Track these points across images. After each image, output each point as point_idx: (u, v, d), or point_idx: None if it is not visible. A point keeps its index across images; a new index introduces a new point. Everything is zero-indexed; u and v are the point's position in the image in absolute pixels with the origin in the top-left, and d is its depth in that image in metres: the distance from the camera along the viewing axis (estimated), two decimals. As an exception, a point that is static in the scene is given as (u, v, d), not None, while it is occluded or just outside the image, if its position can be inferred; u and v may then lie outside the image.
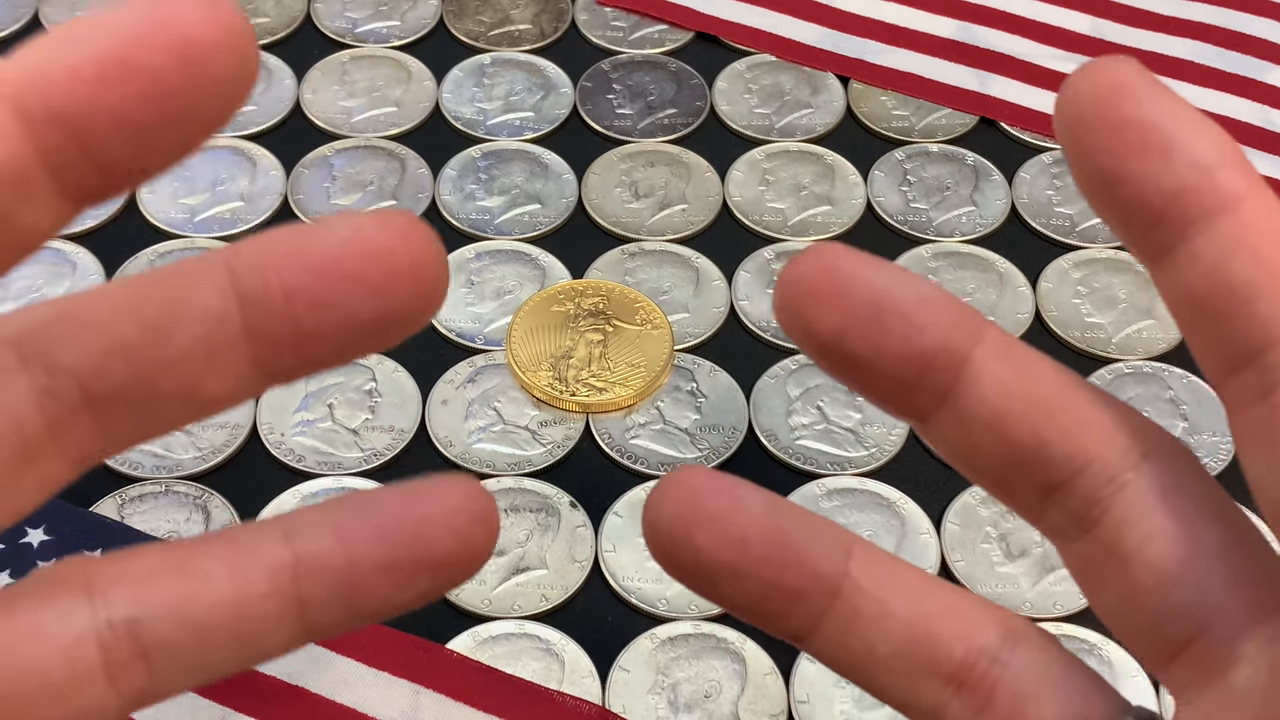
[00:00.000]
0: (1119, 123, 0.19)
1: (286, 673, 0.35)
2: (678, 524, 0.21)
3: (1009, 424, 0.21)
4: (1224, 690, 0.20)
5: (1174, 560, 0.20)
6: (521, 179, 0.48)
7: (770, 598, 0.22)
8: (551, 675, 0.36)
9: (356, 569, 0.20)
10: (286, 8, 0.53)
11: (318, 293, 0.18)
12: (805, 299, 0.21)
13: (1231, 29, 0.53)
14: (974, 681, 0.22)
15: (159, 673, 0.20)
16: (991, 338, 0.21)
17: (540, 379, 0.42)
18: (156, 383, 0.19)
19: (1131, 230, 0.20)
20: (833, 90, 0.51)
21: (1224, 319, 0.19)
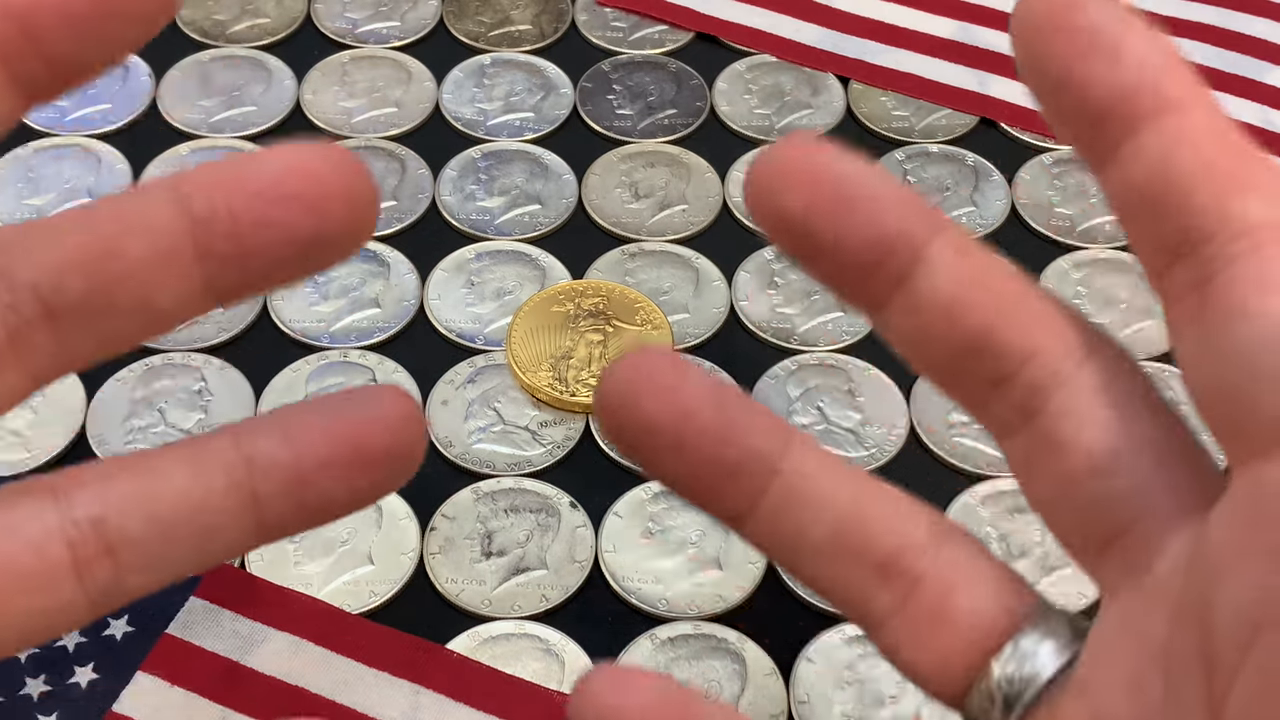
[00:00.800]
0: (1071, 28, 0.20)
1: (285, 672, 0.35)
2: (627, 392, 0.22)
3: (961, 312, 0.22)
4: (1146, 583, 0.21)
5: (1107, 450, 0.21)
6: (521, 179, 0.48)
7: (710, 471, 0.23)
8: (551, 675, 0.36)
9: (303, 465, 0.21)
10: (286, 8, 0.53)
11: (261, 212, 0.20)
12: (776, 179, 0.22)
13: (1231, 29, 0.53)
14: (901, 570, 0.23)
15: (125, 568, 0.21)
16: (950, 231, 0.22)
17: (540, 379, 0.42)
18: (112, 295, 0.20)
19: (1080, 131, 0.21)
20: (833, 90, 0.51)
21: (1165, 210, 0.20)
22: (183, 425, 0.41)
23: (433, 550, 0.38)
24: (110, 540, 0.21)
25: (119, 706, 0.35)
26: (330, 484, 0.21)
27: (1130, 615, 0.21)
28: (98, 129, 0.48)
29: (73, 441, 0.40)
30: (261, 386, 0.42)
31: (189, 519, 0.21)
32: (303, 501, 0.22)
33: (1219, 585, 0.19)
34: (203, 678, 0.35)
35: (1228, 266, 0.20)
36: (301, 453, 0.21)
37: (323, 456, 0.21)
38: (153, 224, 0.20)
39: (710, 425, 0.23)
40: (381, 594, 0.37)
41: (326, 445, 0.21)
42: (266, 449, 0.21)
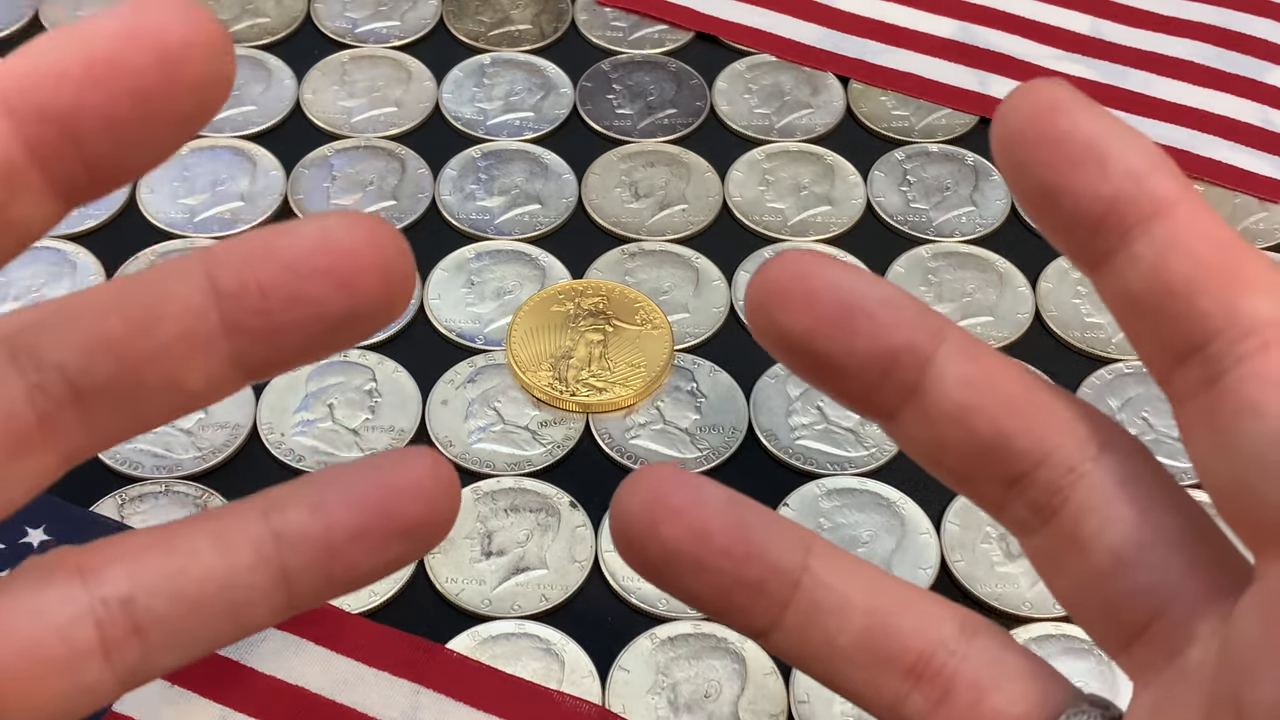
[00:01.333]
0: (1055, 138, 0.20)
1: (285, 672, 0.35)
2: (643, 518, 0.22)
3: (972, 417, 0.22)
4: (1179, 669, 0.21)
5: (1131, 544, 0.21)
6: (521, 179, 0.48)
7: (732, 590, 0.23)
8: (551, 675, 0.36)
9: (332, 538, 0.21)
10: (286, 8, 0.53)
11: (291, 288, 0.19)
12: (776, 302, 0.22)
13: (1231, 29, 0.53)
14: (933, 673, 0.23)
15: (153, 648, 0.21)
16: (955, 337, 0.22)
17: (540, 379, 0.42)
18: (140, 376, 0.20)
19: (1072, 240, 0.21)
20: (833, 90, 0.51)
21: (1166, 316, 0.20)
22: (183, 425, 0.41)
23: (433, 550, 0.38)
24: (138, 620, 0.21)
25: (119, 706, 0.35)
26: (359, 556, 0.21)
27: (1163, 705, 0.21)
28: (98, 129, 0.48)
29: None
30: (262, 386, 0.42)
31: (216, 596, 0.21)
32: (331, 573, 0.21)
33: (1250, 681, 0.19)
34: (203, 677, 0.35)
35: (1237, 365, 0.20)
36: (331, 525, 0.21)
37: (353, 528, 0.21)
38: (181, 303, 0.20)
39: (729, 544, 0.22)
40: (381, 594, 0.37)
41: (357, 516, 0.21)
42: (295, 522, 0.21)
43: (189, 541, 0.21)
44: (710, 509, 0.22)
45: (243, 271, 0.20)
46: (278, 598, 0.21)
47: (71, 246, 0.45)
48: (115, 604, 0.20)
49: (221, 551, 0.21)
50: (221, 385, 0.20)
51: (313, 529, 0.21)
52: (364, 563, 0.21)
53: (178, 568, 0.21)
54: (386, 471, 0.21)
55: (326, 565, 0.21)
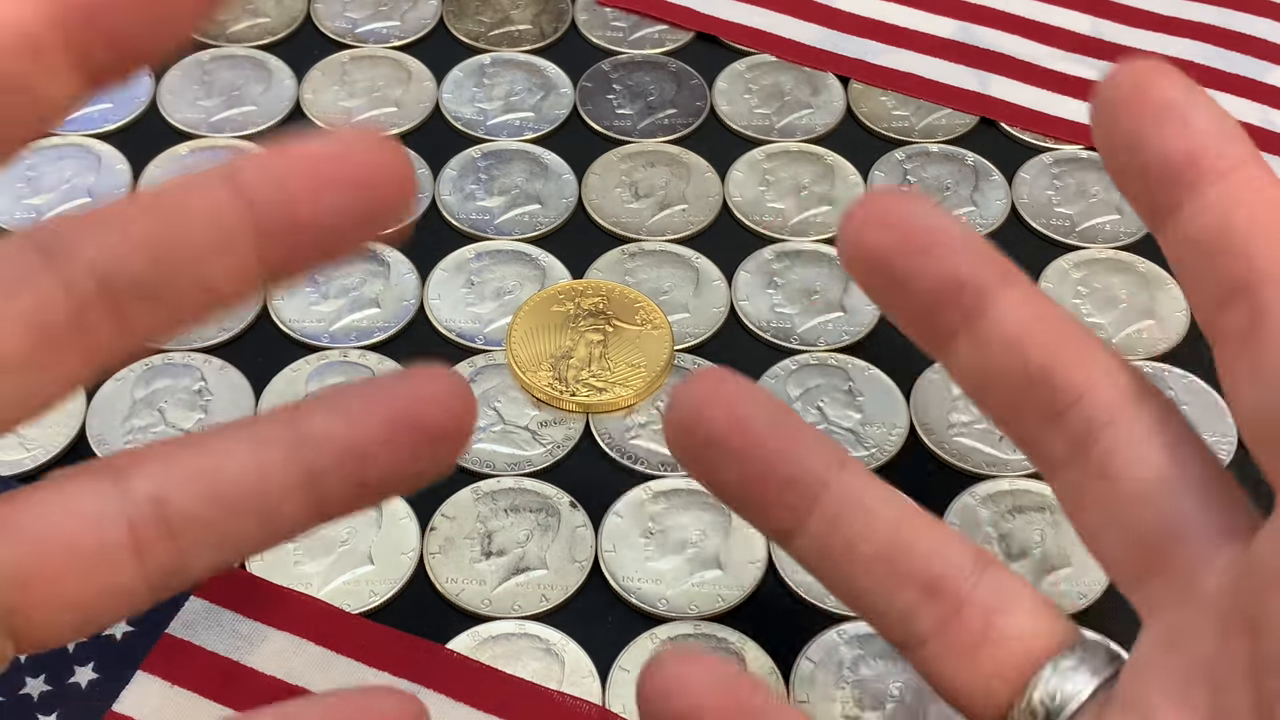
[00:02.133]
0: (1150, 99, 0.23)
1: (285, 672, 0.35)
2: (694, 402, 0.24)
3: (1025, 347, 0.24)
4: (1193, 600, 0.22)
5: (1156, 478, 0.23)
6: (521, 179, 0.48)
7: (764, 480, 0.24)
8: (551, 675, 0.36)
9: (360, 441, 0.22)
10: (286, 8, 0.53)
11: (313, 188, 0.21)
12: (866, 221, 0.24)
13: (1231, 29, 0.53)
14: (947, 592, 0.24)
15: (186, 549, 0.21)
16: (1021, 283, 0.25)
17: (540, 379, 0.42)
18: (174, 275, 0.20)
19: (1148, 191, 0.23)
20: (833, 90, 0.51)
21: (1220, 257, 0.22)
22: (183, 425, 0.41)
23: (433, 550, 0.38)
24: (171, 520, 0.21)
25: (119, 706, 0.35)
26: (387, 461, 0.22)
27: (1175, 632, 0.22)
28: (97, 128, 0.48)
29: (73, 441, 0.40)
30: (261, 386, 0.42)
31: (250, 495, 0.21)
32: (360, 477, 0.22)
33: (1269, 598, 0.21)
34: (203, 678, 0.35)
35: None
36: (359, 430, 0.22)
37: (381, 434, 0.22)
38: (213, 204, 0.20)
39: (766, 437, 0.24)
40: (381, 594, 0.37)
41: (385, 423, 0.22)
42: (324, 426, 0.22)
43: (221, 443, 0.21)
44: (755, 404, 0.24)
45: (267, 175, 0.21)
46: (308, 500, 0.22)
47: (71, 246, 0.45)
48: (147, 503, 0.21)
49: (253, 452, 0.21)
50: (249, 287, 0.21)
51: (341, 433, 0.22)
52: (392, 469, 0.22)
53: (210, 467, 0.21)
54: (410, 382, 0.22)
55: (356, 471, 0.22)
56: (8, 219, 0.46)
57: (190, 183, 0.21)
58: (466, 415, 0.22)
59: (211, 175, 0.21)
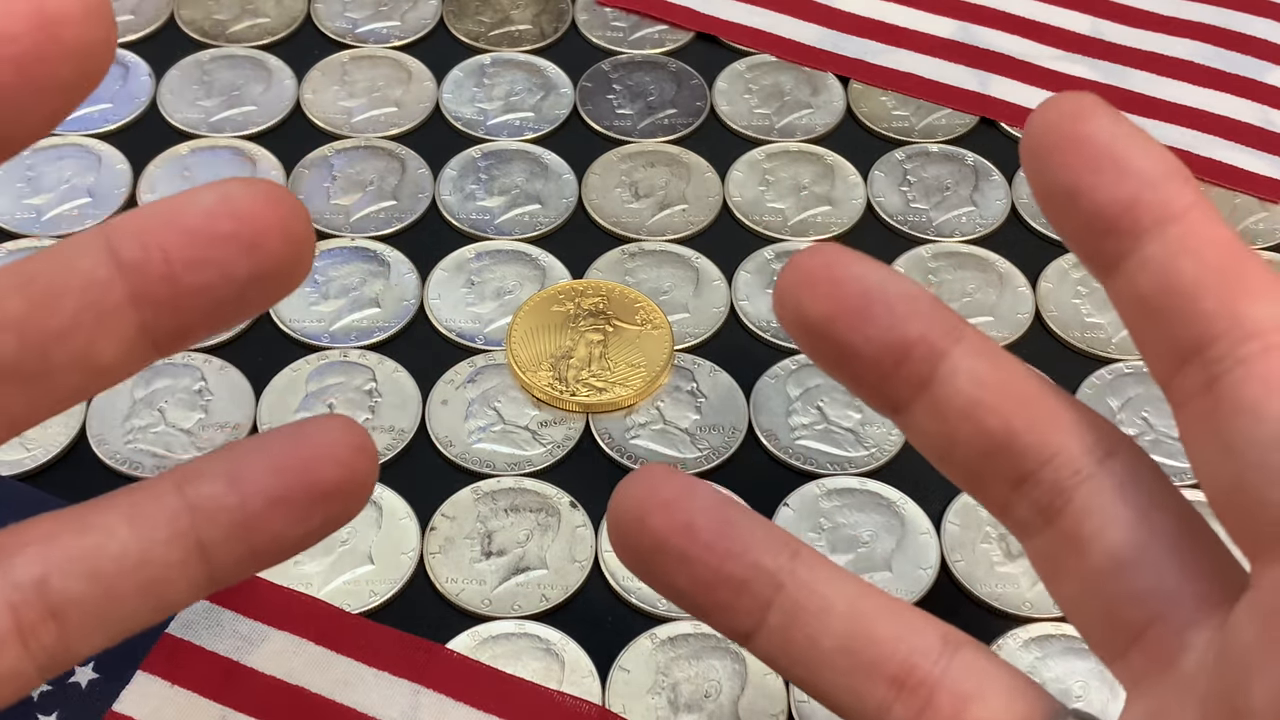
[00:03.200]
0: (1078, 142, 0.21)
1: (285, 672, 0.35)
2: (635, 510, 0.23)
3: (983, 414, 0.22)
4: (1174, 677, 0.21)
5: (1130, 547, 0.22)
6: (521, 179, 0.48)
7: (716, 585, 0.23)
8: (551, 675, 0.36)
9: (250, 508, 0.21)
10: (286, 8, 0.53)
11: (194, 252, 0.20)
12: (802, 288, 0.23)
13: (1231, 29, 0.53)
14: (915, 683, 0.23)
15: (71, 630, 0.21)
16: (970, 337, 0.23)
17: (540, 379, 0.42)
18: (48, 354, 0.20)
19: (1087, 241, 0.22)
20: (833, 90, 0.51)
21: (1171, 316, 0.21)
22: (183, 425, 0.41)
23: (433, 550, 0.38)
24: (54, 602, 0.20)
25: (119, 706, 0.35)
26: (280, 524, 0.21)
27: (1158, 713, 0.21)
28: (98, 128, 0.48)
29: (73, 441, 0.40)
30: (261, 386, 0.42)
31: (133, 574, 0.21)
32: (251, 544, 0.21)
33: (1249, 683, 0.19)
34: (203, 677, 0.35)
35: (1237, 367, 0.20)
36: (248, 494, 0.21)
37: (271, 495, 0.21)
38: (84, 276, 0.20)
39: (714, 540, 0.23)
40: (381, 594, 0.37)
41: (274, 483, 0.21)
42: (211, 494, 0.21)
43: (102, 520, 0.21)
44: (697, 505, 0.23)
45: (145, 239, 0.20)
46: (197, 573, 0.21)
47: (71, 246, 0.45)
48: (29, 587, 0.20)
49: (136, 528, 0.21)
50: (132, 359, 0.20)
51: (229, 499, 0.21)
52: (285, 532, 0.21)
53: (92, 546, 0.21)
54: (301, 438, 0.21)
55: (246, 537, 0.21)
56: (8, 219, 0.46)
57: (60, 252, 0.20)
58: (362, 468, 0.21)
59: (83, 240, 0.20)
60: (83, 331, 0.20)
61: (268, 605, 0.36)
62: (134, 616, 0.21)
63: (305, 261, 0.20)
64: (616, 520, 0.23)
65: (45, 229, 0.45)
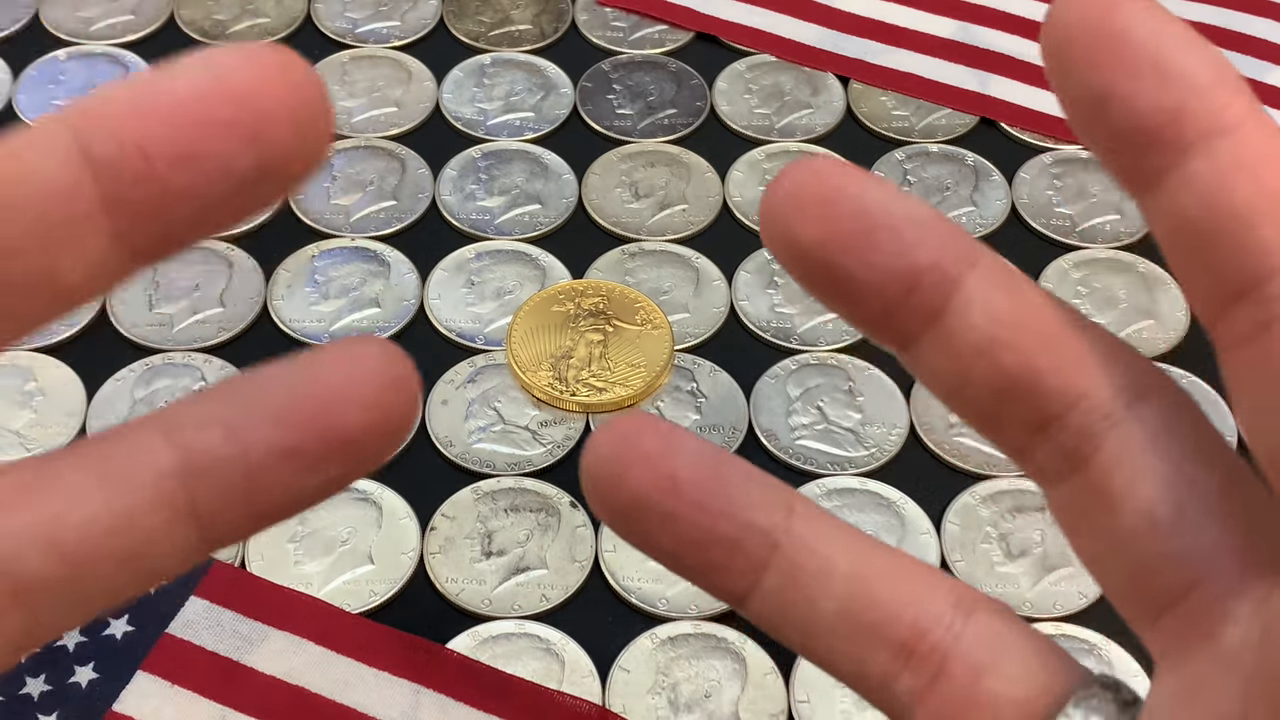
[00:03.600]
0: (1112, 39, 0.18)
1: (285, 672, 0.35)
2: (611, 463, 0.20)
3: (1000, 351, 0.20)
4: (1212, 652, 0.19)
5: (1166, 505, 0.19)
6: (522, 179, 0.48)
7: (706, 546, 0.21)
8: (551, 675, 0.36)
9: (252, 461, 0.17)
10: (286, 8, 0.53)
11: (180, 145, 0.16)
12: (791, 207, 0.20)
13: (1231, 29, 0.53)
14: (925, 650, 0.21)
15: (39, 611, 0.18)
16: (987, 264, 0.20)
17: (540, 379, 0.42)
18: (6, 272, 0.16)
19: (1122, 155, 0.19)
20: (833, 90, 0.51)
21: (1221, 246, 0.18)
22: (183, 425, 0.41)
23: (433, 550, 0.38)
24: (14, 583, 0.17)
25: (119, 706, 0.35)
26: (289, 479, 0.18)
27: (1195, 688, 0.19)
28: (98, 129, 0.48)
29: (73, 441, 0.40)
30: (261, 386, 0.42)
31: (105, 545, 0.17)
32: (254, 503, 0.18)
33: None
34: (203, 677, 0.35)
35: None
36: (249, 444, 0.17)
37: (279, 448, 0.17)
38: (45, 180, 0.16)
39: (700, 497, 0.21)
40: (381, 594, 0.37)
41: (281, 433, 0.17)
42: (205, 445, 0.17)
43: (68, 478, 0.17)
44: (683, 458, 0.20)
45: (119, 131, 0.16)
46: (188, 538, 0.18)
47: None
48: None
49: (110, 489, 0.17)
50: (107, 274, 0.17)
51: (226, 452, 0.17)
52: (294, 487, 0.18)
53: (53, 514, 0.17)
54: (320, 371, 0.17)
55: (247, 495, 0.17)
56: (8, 219, 0.46)
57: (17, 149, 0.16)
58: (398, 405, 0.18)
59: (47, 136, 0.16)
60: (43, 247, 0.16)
61: (268, 605, 0.36)
62: (113, 591, 0.18)
63: (321, 144, 0.17)
64: (592, 475, 0.20)
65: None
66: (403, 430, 0.18)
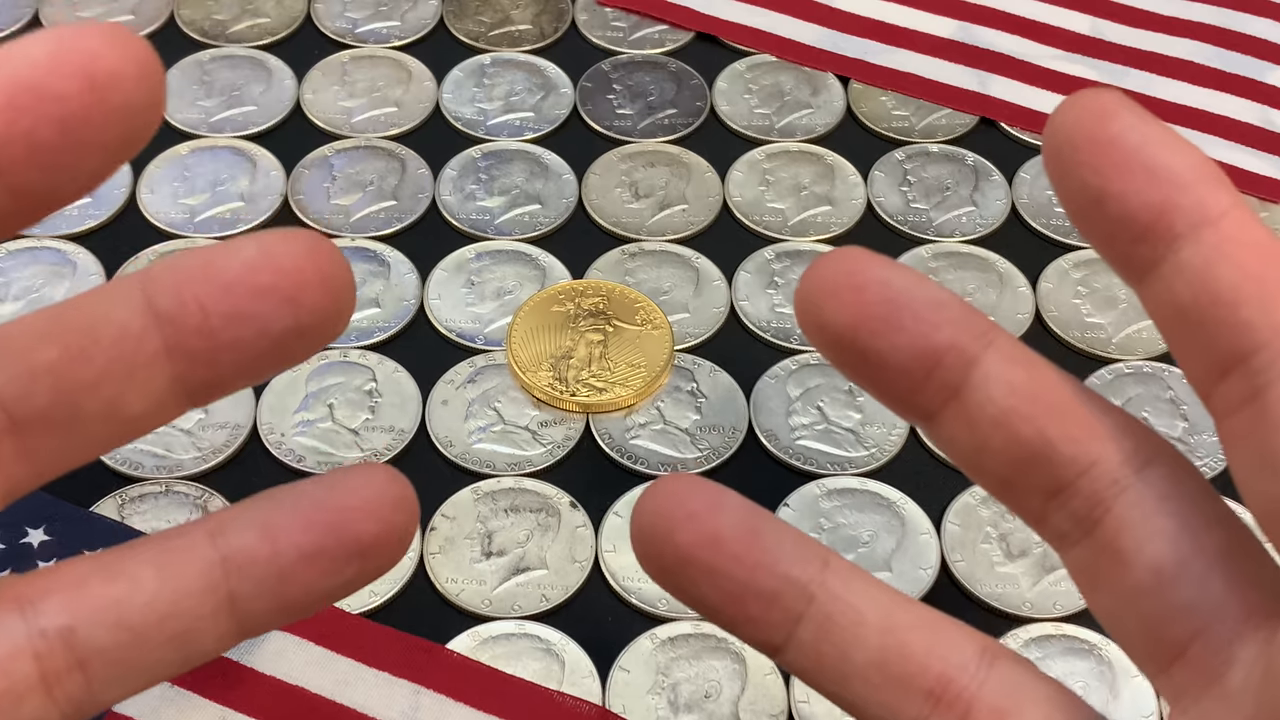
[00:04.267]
0: (1104, 144, 0.20)
1: (285, 672, 0.35)
2: (660, 522, 0.22)
3: (1016, 423, 0.21)
4: (1219, 693, 0.21)
5: (1172, 561, 0.21)
6: (521, 179, 0.48)
7: (744, 598, 0.22)
8: (551, 675, 0.36)
9: (282, 561, 0.20)
10: (286, 8, 0.53)
11: (232, 305, 0.19)
12: (823, 295, 0.22)
13: (1231, 29, 0.53)
14: (951, 697, 0.22)
15: (96, 680, 0.20)
16: (1002, 343, 0.22)
17: (540, 379, 0.42)
18: (79, 404, 0.19)
19: (1117, 248, 0.21)
20: (833, 90, 0.51)
21: (1210, 326, 0.20)
22: (183, 425, 0.41)
23: (433, 550, 0.38)
24: (80, 652, 0.20)
25: (119, 706, 0.35)
26: (312, 578, 0.21)
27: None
28: (98, 129, 0.48)
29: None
30: (262, 386, 0.42)
31: (161, 625, 0.20)
32: (282, 597, 0.21)
33: None
34: (203, 677, 0.35)
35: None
36: (281, 547, 0.20)
37: (305, 549, 0.20)
38: (119, 327, 0.19)
39: (741, 551, 0.22)
40: (381, 594, 0.37)
41: (308, 538, 0.20)
42: (243, 545, 0.20)
43: (131, 568, 0.20)
44: (725, 516, 0.22)
45: (182, 291, 0.19)
46: (226, 625, 0.21)
47: (71, 246, 0.45)
48: (54, 635, 0.20)
49: (165, 579, 0.20)
50: (164, 410, 0.20)
51: (261, 552, 0.20)
52: (317, 585, 0.21)
53: (120, 596, 0.20)
54: (340, 489, 0.21)
55: (278, 590, 0.21)
56: (8, 219, 0.46)
57: (96, 298, 0.20)
58: (401, 522, 0.21)
59: (122, 290, 0.20)
60: (114, 382, 0.19)
61: (268, 605, 0.36)
62: (160, 667, 0.21)
63: (346, 313, 0.20)
64: (640, 534, 0.23)
65: (44, 229, 0.45)
66: (405, 541, 0.21)
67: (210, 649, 0.21)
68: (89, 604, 0.20)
